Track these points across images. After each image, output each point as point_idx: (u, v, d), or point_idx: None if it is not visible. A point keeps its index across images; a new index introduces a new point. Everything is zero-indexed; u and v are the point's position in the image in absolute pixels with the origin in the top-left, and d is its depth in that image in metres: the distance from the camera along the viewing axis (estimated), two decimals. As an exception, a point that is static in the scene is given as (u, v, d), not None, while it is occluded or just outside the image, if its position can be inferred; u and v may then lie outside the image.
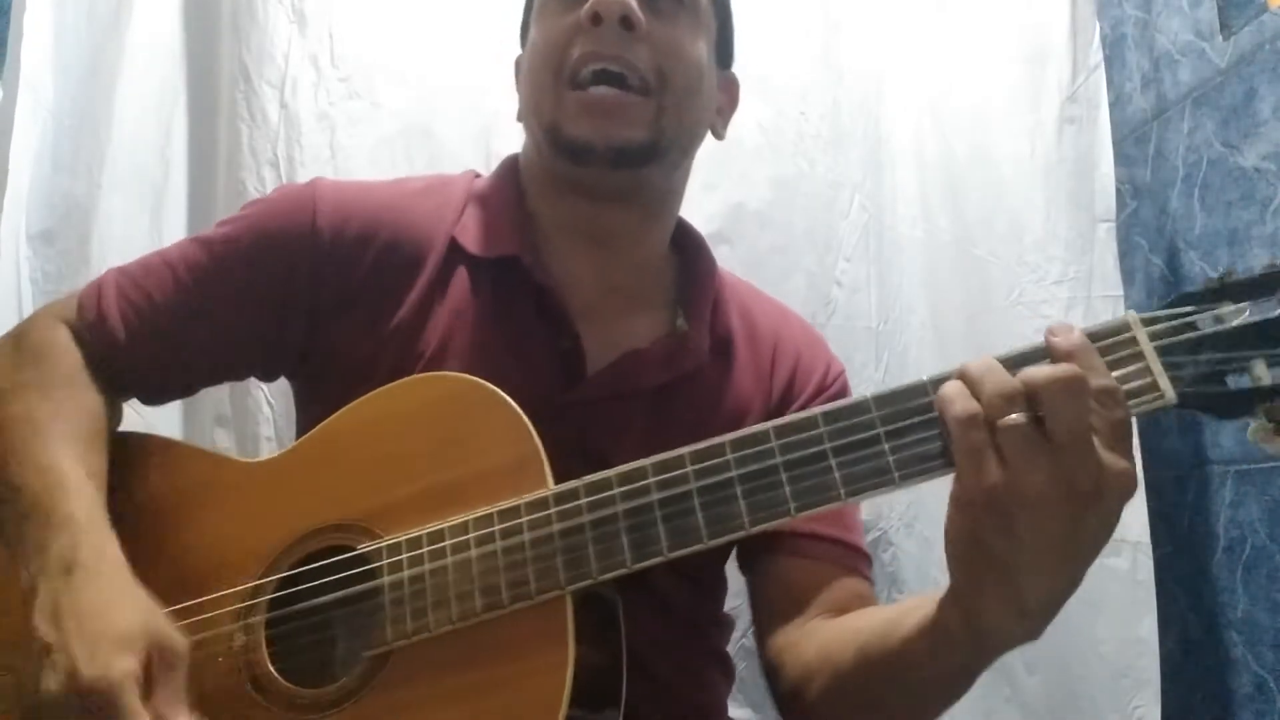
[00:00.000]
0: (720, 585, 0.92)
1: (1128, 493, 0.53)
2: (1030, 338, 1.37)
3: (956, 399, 0.54)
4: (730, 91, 0.94)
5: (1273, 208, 1.19)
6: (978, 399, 0.54)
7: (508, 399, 0.69)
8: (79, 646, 0.60)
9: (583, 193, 0.84)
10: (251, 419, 1.20)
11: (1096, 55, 1.42)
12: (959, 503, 0.55)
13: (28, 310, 1.19)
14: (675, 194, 0.90)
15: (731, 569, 1.01)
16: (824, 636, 0.75)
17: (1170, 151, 1.39)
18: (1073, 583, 0.55)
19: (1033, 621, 0.56)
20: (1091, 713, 1.27)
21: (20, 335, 0.81)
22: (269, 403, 1.21)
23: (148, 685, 0.60)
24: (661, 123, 0.81)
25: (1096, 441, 0.52)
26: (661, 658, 0.78)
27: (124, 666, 0.59)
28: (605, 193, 0.83)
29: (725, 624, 0.93)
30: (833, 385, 0.90)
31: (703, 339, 0.85)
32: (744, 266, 1.30)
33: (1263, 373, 0.55)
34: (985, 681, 1.34)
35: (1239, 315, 0.56)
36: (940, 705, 0.68)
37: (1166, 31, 1.41)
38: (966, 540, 0.55)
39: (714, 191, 1.32)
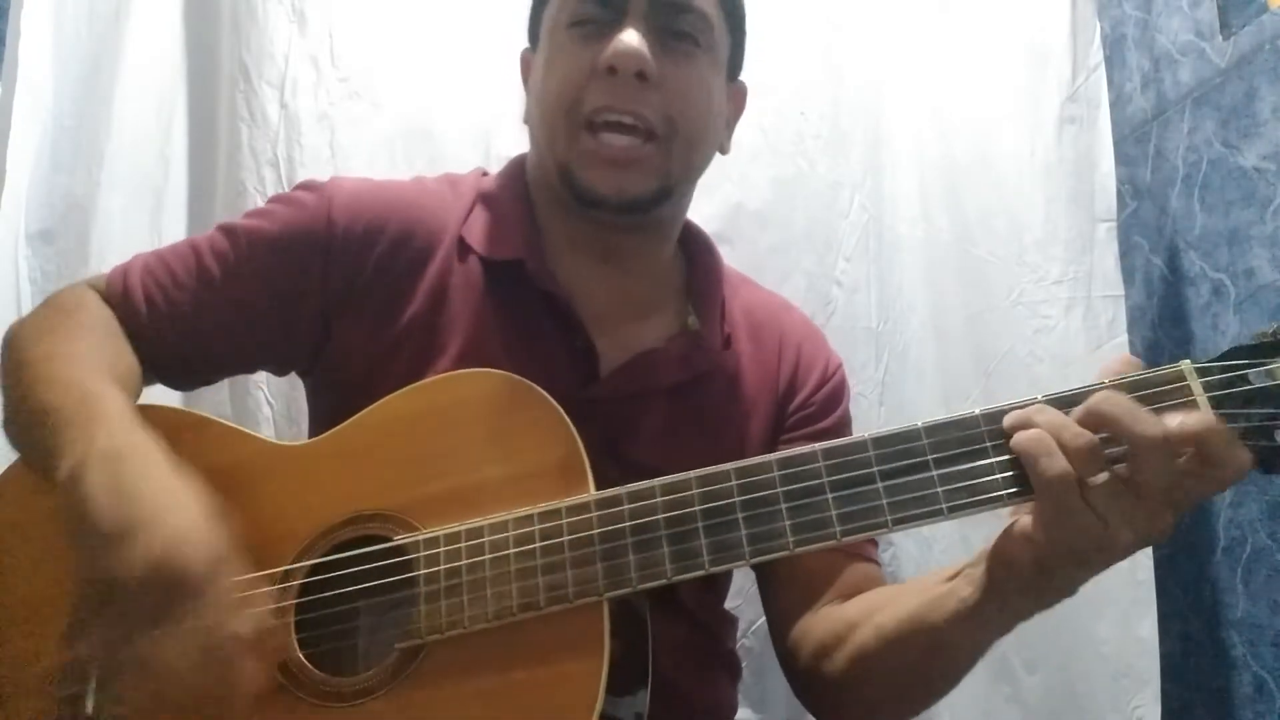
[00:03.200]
0: (727, 584, 0.93)
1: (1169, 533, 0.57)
2: (1030, 338, 1.37)
3: (1043, 456, 0.55)
4: (737, 100, 0.94)
5: (1273, 208, 1.19)
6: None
7: (550, 399, 0.69)
8: (160, 527, 0.57)
9: (590, 219, 0.84)
10: (251, 419, 1.20)
11: (1096, 55, 1.42)
12: (1038, 545, 0.56)
13: (28, 310, 1.18)
14: (681, 213, 0.92)
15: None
16: (842, 626, 0.76)
17: (1170, 151, 1.39)
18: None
19: (1069, 596, 0.60)
20: (1091, 713, 1.27)
21: (50, 298, 0.84)
22: (269, 403, 1.20)
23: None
24: (670, 168, 0.82)
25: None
26: (673, 657, 0.78)
27: (215, 551, 0.57)
28: (613, 226, 0.84)
29: (731, 622, 0.93)
30: (833, 377, 0.92)
31: (715, 337, 0.86)
32: (744, 267, 1.29)
33: None
34: (985, 681, 1.34)
35: None
36: (963, 672, 0.70)
37: (1166, 31, 1.41)
38: (1036, 572, 0.58)
39: (714, 191, 1.32)
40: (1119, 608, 1.28)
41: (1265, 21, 1.21)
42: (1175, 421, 0.54)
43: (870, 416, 1.26)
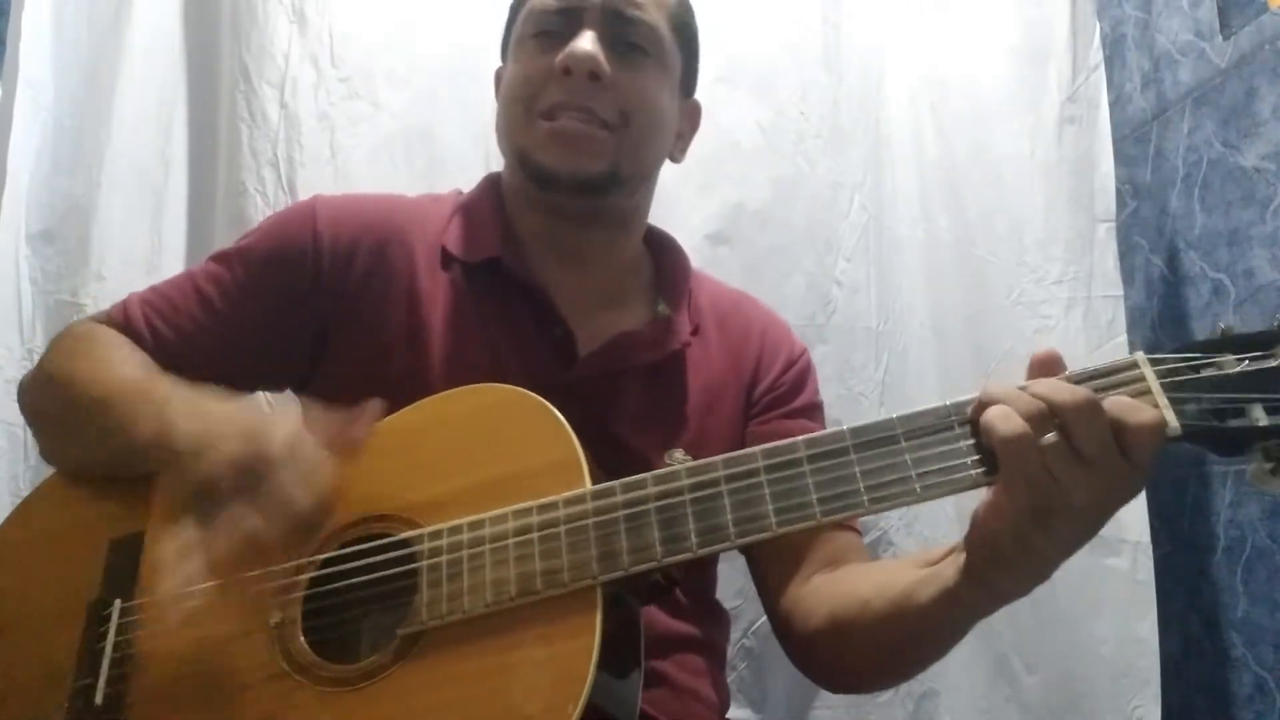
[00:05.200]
0: (712, 572, 0.95)
1: (1141, 486, 0.61)
2: (1030, 338, 1.39)
3: (1001, 420, 0.59)
4: (692, 118, 1.00)
5: (1273, 208, 1.19)
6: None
7: (551, 407, 0.72)
8: (234, 429, 0.68)
9: (551, 212, 0.90)
10: (251, 419, 1.20)
11: (1096, 55, 1.42)
12: (1004, 512, 0.60)
13: (28, 310, 1.19)
14: (640, 210, 0.97)
15: (731, 570, 1.01)
16: (833, 601, 0.80)
17: (1170, 151, 1.39)
18: (1086, 542, 0.62)
19: (1046, 579, 0.63)
20: (1091, 713, 1.27)
21: (60, 333, 0.90)
22: (269, 403, 1.20)
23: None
24: (619, 157, 0.87)
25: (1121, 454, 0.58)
26: (659, 648, 0.80)
27: (283, 434, 0.68)
28: (571, 213, 0.90)
29: (720, 616, 0.94)
30: (799, 360, 0.97)
31: (684, 322, 0.91)
32: (744, 266, 1.30)
33: (1260, 416, 0.59)
34: (985, 681, 1.34)
35: (1238, 365, 0.60)
36: (948, 648, 0.74)
37: (1166, 31, 1.41)
38: (1009, 542, 0.60)
39: (714, 191, 1.32)
40: (1119, 608, 1.28)
41: (1265, 21, 1.21)
42: (1087, 390, 0.59)
43: (870, 417, 1.24)
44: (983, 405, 0.61)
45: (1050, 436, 0.58)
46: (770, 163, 1.35)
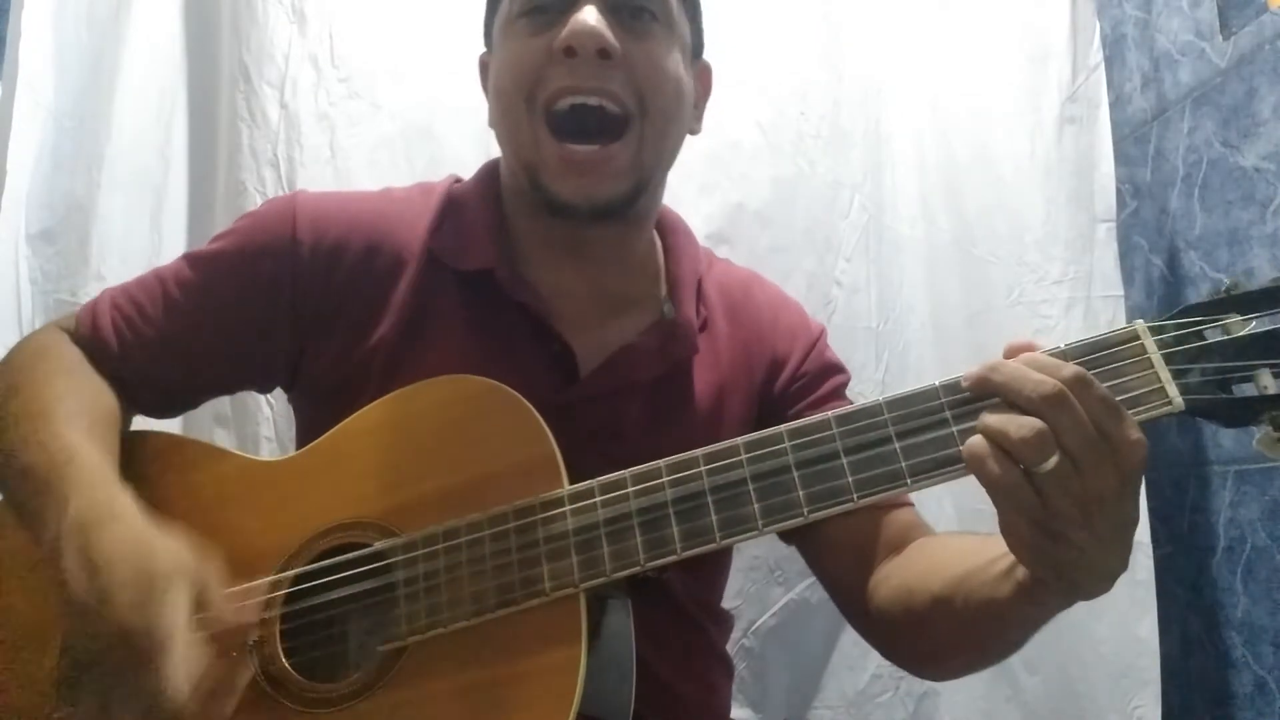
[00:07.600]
0: (720, 576, 0.93)
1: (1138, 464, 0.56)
2: (1030, 338, 1.38)
3: (988, 459, 0.55)
4: (704, 80, 0.92)
5: (1273, 208, 1.19)
6: (1010, 452, 0.55)
7: (524, 401, 0.69)
8: (123, 594, 0.59)
9: (564, 217, 0.82)
10: (251, 419, 1.20)
11: (1096, 55, 1.42)
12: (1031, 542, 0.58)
13: (27, 310, 1.19)
14: (657, 201, 0.90)
15: (730, 570, 1.00)
16: (906, 596, 0.76)
17: (1170, 151, 1.39)
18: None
19: (1115, 577, 0.62)
20: (1091, 713, 1.27)
21: (19, 344, 0.84)
22: (269, 403, 1.21)
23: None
24: (643, 157, 0.80)
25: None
26: (661, 652, 0.78)
27: (173, 610, 0.59)
28: (586, 223, 0.83)
29: (724, 620, 0.93)
30: (818, 341, 0.93)
31: (691, 322, 0.86)
32: (744, 267, 1.30)
33: (1269, 382, 0.55)
34: (985, 681, 1.34)
35: (1245, 326, 0.57)
36: (1033, 631, 0.69)
37: (1166, 31, 1.41)
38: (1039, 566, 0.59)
39: (714, 192, 1.32)
40: (1119, 608, 1.28)
41: (1265, 21, 1.21)
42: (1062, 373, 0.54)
43: (870, 416, 1.26)
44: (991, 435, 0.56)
45: (1055, 460, 0.54)
46: (770, 163, 1.35)
